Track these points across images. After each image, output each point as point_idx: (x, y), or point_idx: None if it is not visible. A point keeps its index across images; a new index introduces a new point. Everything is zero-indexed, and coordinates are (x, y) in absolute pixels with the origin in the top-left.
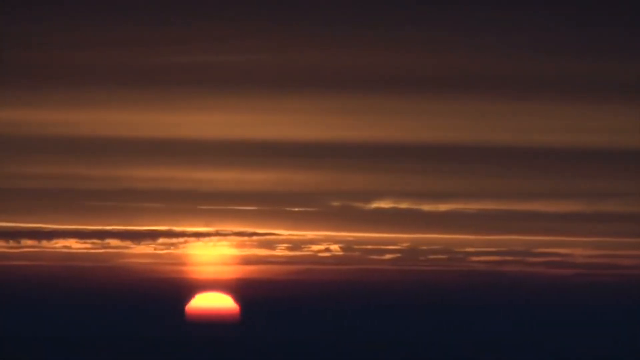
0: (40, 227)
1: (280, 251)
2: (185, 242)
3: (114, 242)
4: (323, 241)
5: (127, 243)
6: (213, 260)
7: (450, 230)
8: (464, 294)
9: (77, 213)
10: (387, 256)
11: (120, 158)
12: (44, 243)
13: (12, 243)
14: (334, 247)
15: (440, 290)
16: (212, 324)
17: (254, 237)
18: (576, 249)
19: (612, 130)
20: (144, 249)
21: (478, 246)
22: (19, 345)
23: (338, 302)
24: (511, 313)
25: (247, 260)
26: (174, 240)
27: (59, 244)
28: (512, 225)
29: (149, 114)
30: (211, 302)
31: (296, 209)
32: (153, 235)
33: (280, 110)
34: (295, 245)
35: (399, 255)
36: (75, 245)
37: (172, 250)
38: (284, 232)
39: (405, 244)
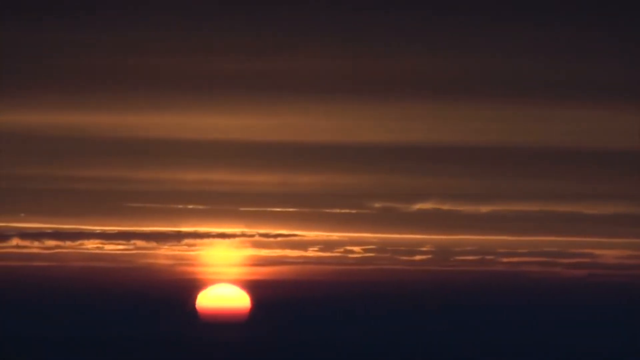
0: (76, 228)
1: (311, 252)
2: (210, 243)
3: (139, 243)
4: (350, 243)
5: (152, 244)
6: (234, 261)
7: (487, 232)
8: (489, 294)
9: (118, 214)
10: (417, 257)
11: (165, 160)
12: (75, 244)
13: (36, 243)
14: (357, 248)
15: (468, 291)
16: (222, 322)
17: (279, 239)
18: (610, 250)
19: None
20: (168, 249)
21: (511, 247)
22: (36, 345)
23: (351, 303)
24: (534, 313)
25: (270, 261)
26: (198, 240)
27: (88, 244)
28: (549, 226)
29: (198, 117)
30: (224, 300)
31: (336, 211)
32: (178, 237)
33: (326, 115)
34: (327, 246)
35: (429, 256)
36: (100, 246)
37: (195, 251)
38: (310, 234)
39: (438, 246)
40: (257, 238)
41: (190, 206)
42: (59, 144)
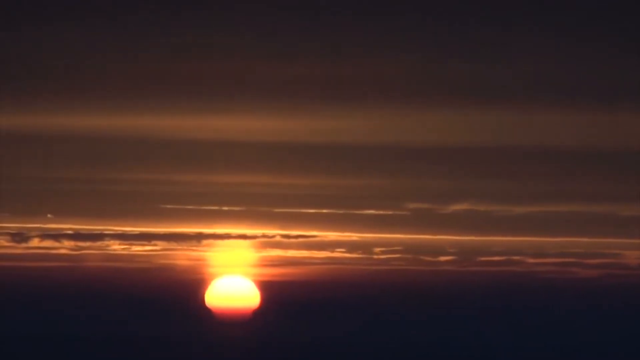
0: (109, 229)
1: (338, 253)
2: (231, 244)
3: (160, 243)
4: (378, 244)
5: (172, 245)
6: (250, 261)
7: (518, 233)
8: (513, 295)
9: (155, 216)
10: (442, 258)
11: (202, 162)
12: (96, 245)
13: (56, 244)
14: (381, 249)
15: (492, 291)
16: (228, 319)
17: (300, 239)
18: (637, 251)
19: None
20: (187, 250)
21: (539, 249)
22: (54, 344)
23: (368, 303)
24: (558, 314)
25: (290, 262)
26: (219, 241)
27: (110, 245)
28: (581, 227)
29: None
30: (233, 296)
31: (371, 212)
32: (198, 238)
33: (364, 117)
34: (354, 247)
35: (454, 257)
36: (119, 247)
37: (214, 252)
38: (340, 234)
39: (462, 248)
40: (277, 239)
41: (226, 208)
42: (94, 146)
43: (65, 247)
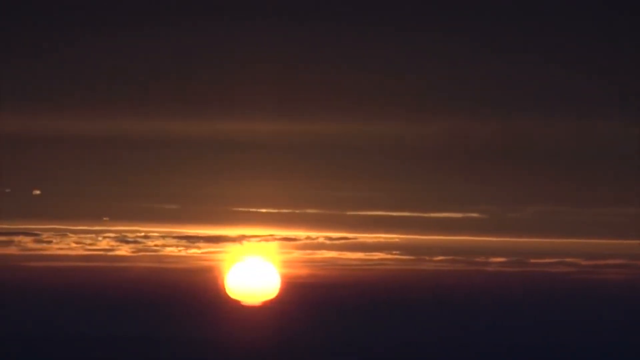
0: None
1: (392, 255)
2: (272, 246)
3: (203, 245)
4: (433, 247)
5: (213, 246)
6: (294, 264)
7: (572, 236)
8: (566, 297)
9: (224, 219)
10: (493, 260)
11: (273, 165)
12: (139, 246)
13: (94, 245)
14: (433, 251)
15: (544, 294)
16: (245, 311)
17: (344, 241)
18: None
19: None
20: (225, 252)
21: (594, 250)
22: (97, 343)
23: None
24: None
25: (332, 263)
26: (263, 243)
27: (150, 246)
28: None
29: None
30: (253, 289)
31: (439, 215)
32: (241, 239)
33: (428, 118)
34: (408, 249)
35: (506, 259)
36: (162, 248)
37: (256, 253)
38: (383, 236)
39: (515, 250)
40: (320, 240)
41: (298, 211)
42: (155, 149)
43: (119, 249)
